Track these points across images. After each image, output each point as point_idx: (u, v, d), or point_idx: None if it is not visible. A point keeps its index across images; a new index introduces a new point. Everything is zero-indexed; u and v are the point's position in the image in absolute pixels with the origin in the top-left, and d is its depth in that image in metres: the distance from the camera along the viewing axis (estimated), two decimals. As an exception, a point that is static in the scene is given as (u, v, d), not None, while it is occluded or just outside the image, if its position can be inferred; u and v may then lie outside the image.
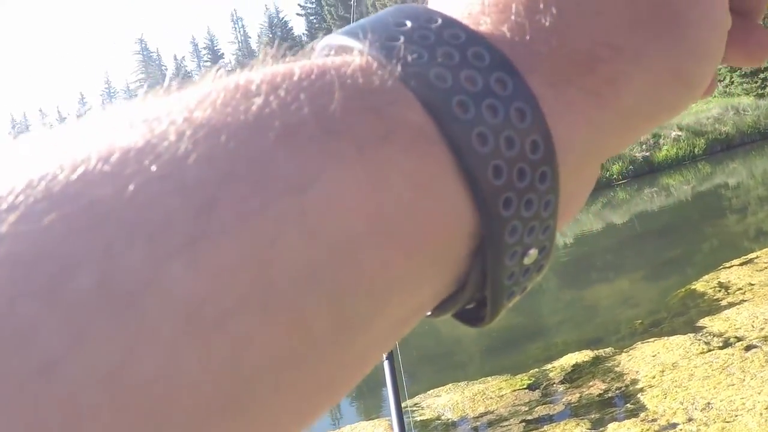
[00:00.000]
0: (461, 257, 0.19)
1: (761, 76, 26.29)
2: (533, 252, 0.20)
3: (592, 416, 3.91)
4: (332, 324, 0.16)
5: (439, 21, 0.20)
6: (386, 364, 2.08)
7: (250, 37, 73.89)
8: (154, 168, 0.14)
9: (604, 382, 4.31)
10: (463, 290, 0.20)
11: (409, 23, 0.19)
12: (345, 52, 0.19)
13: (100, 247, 0.13)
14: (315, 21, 54.88)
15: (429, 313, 0.21)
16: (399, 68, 0.18)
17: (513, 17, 0.20)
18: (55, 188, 0.14)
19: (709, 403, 3.52)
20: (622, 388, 4.13)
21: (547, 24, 0.20)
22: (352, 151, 0.17)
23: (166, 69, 74.14)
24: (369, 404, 5.24)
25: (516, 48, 0.20)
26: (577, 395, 4.25)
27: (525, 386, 4.60)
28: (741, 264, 6.09)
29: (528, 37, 0.20)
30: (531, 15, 0.20)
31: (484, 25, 0.20)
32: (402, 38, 0.19)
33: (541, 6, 0.20)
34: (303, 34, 56.15)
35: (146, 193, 0.14)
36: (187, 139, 0.15)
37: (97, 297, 0.13)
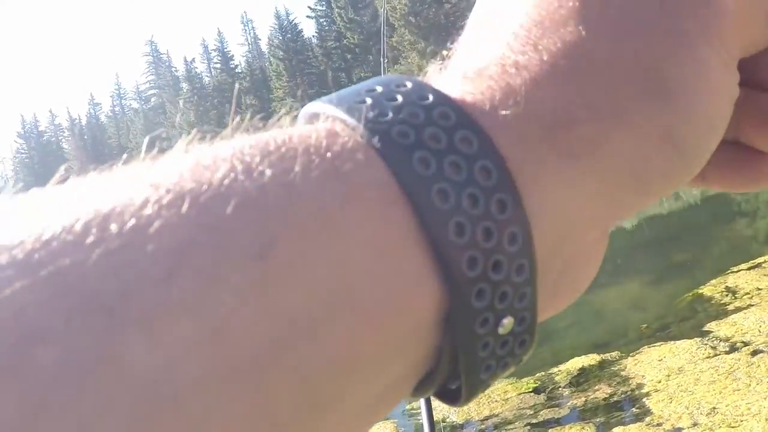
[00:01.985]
0: (431, 327, 0.18)
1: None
2: (508, 321, 0.19)
3: (598, 420, 3.91)
4: (297, 404, 0.16)
5: (409, 85, 0.20)
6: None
7: (260, 39, 73.95)
8: (115, 237, 0.15)
9: (610, 386, 4.30)
10: (438, 366, 0.19)
11: (379, 88, 0.19)
12: (317, 118, 0.20)
13: (61, 320, 0.13)
14: (325, 23, 54.92)
15: (410, 394, 0.20)
16: (362, 128, 0.18)
17: (487, 81, 0.20)
18: (19, 256, 0.14)
19: (714, 408, 3.52)
20: (628, 392, 4.12)
21: (519, 85, 0.20)
22: (312, 217, 0.16)
23: (176, 71, 74.39)
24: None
25: (485, 108, 0.19)
26: (583, 399, 4.24)
27: (530, 389, 4.59)
28: (749, 268, 6.06)
29: (498, 98, 0.20)
30: (503, 77, 0.20)
31: (458, 89, 0.20)
32: (369, 101, 0.19)
33: (513, 70, 0.20)
34: (313, 36, 56.23)
35: (107, 263, 0.14)
36: (151, 206, 0.15)
37: (57, 372, 0.13)
